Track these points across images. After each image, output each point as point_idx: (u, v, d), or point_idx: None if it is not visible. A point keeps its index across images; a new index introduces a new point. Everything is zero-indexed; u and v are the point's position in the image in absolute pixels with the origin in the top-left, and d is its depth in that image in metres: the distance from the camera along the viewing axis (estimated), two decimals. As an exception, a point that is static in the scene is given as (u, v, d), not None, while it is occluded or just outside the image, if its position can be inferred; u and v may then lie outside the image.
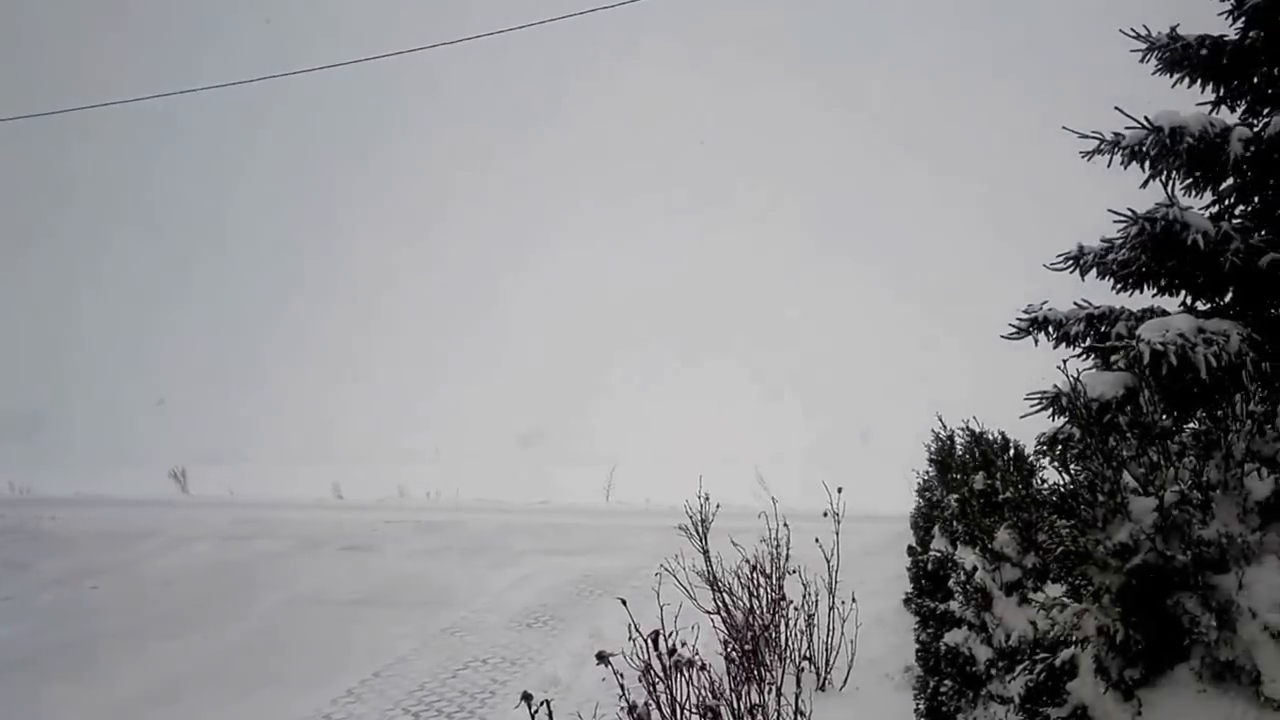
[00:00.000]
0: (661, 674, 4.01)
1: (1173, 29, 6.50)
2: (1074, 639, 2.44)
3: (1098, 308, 7.05)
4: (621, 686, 3.02)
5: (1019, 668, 2.71)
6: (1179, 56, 6.52)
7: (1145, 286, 7.19)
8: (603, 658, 2.70)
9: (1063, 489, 2.49)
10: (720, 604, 6.54)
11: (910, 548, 7.78)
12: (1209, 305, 7.13)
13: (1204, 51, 6.44)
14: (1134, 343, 6.24)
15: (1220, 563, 2.31)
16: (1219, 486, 2.33)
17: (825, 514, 6.98)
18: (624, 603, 3.60)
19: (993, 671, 3.70)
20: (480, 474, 19.18)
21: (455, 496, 18.70)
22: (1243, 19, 6.42)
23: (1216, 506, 2.33)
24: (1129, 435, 2.43)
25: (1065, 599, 2.48)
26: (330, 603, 9.98)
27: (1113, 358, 6.38)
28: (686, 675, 4.16)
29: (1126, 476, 2.46)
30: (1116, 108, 5.98)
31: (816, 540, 6.64)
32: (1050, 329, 7.16)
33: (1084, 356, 7.25)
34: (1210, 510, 2.31)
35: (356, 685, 7.13)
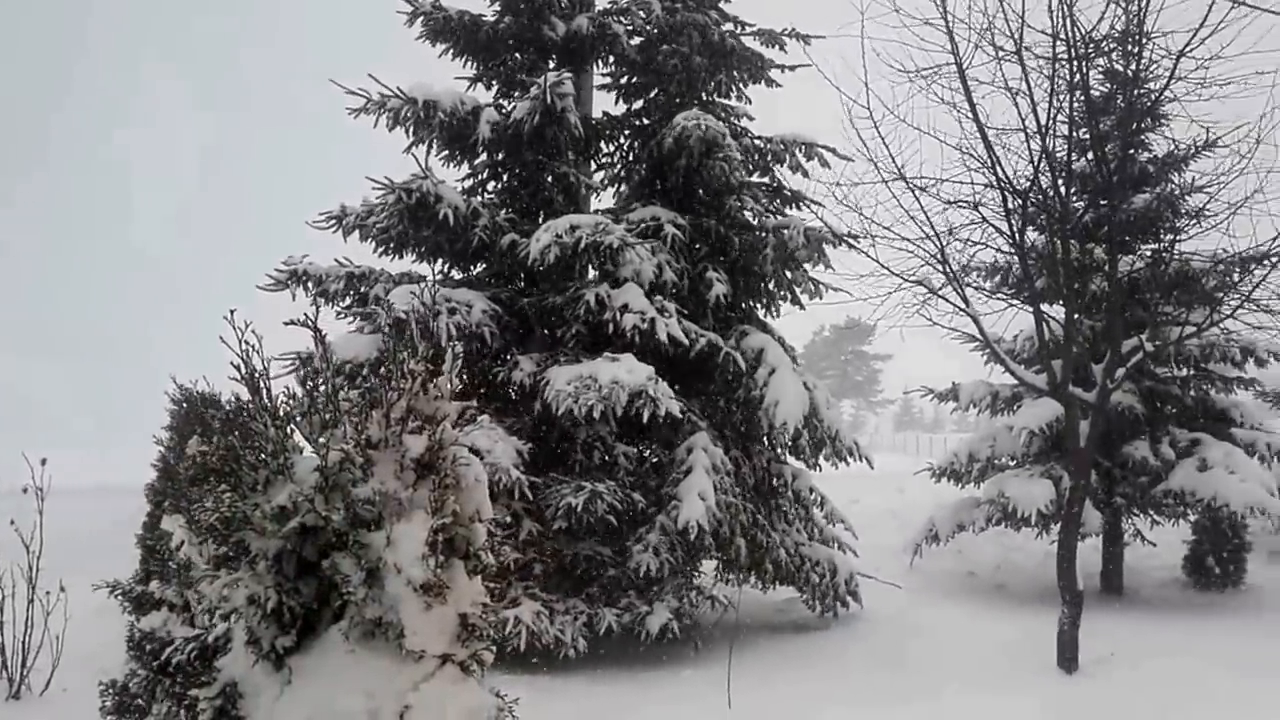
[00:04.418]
0: None
1: (436, -3, 7.26)
2: (227, 611, 2.55)
3: (358, 267, 7.65)
4: None
5: (168, 649, 2.75)
6: (442, 27, 7.37)
7: (405, 252, 8.03)
8: None
9: (222, 451, 2.58)
10: None
11: (143, 524, 7.48)
12: (463, 275, 8.27)
13: (463, 27, 7.37)
14: (382, 308, 6.92)
15: (377, 521, 2.64)
16: (380, 444, 2.66)
17: (25, 490, 6.44)
18: None
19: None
20: None
21: None
22: (498, 2, 7.51)
23: (377, 465, 2.65)
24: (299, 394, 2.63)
25: (216, 571, 2.58)
26: None
27: (360, 320, 6.96)
28: None
29: (300, 438, 2.66)
30: (369, 74, 6.49)
31: (12, 522, 6.17)
32: (310, 284, 7.55)
33: (342, 315, 7.79)
34: (371, 469, 2.62)
35: None
